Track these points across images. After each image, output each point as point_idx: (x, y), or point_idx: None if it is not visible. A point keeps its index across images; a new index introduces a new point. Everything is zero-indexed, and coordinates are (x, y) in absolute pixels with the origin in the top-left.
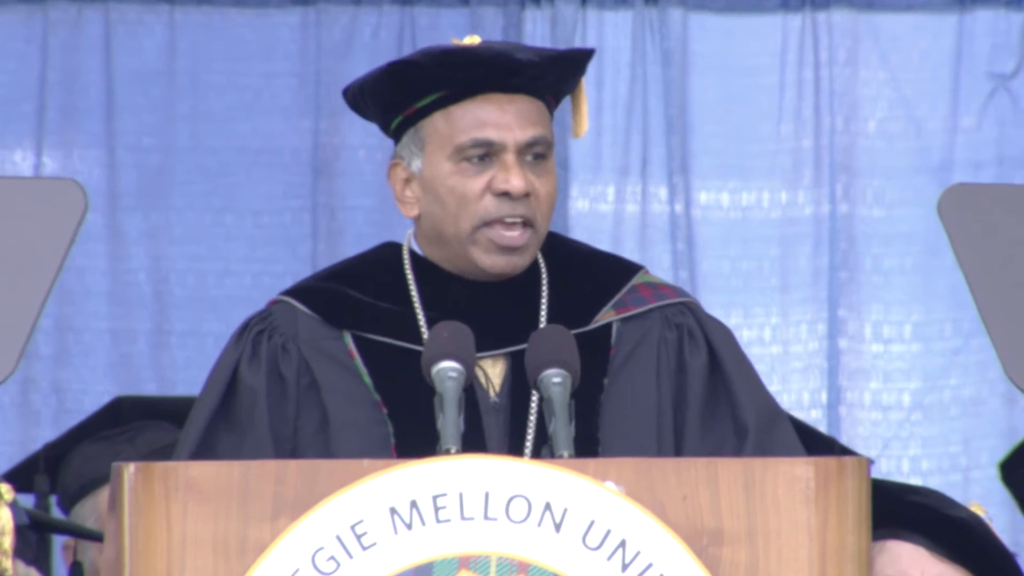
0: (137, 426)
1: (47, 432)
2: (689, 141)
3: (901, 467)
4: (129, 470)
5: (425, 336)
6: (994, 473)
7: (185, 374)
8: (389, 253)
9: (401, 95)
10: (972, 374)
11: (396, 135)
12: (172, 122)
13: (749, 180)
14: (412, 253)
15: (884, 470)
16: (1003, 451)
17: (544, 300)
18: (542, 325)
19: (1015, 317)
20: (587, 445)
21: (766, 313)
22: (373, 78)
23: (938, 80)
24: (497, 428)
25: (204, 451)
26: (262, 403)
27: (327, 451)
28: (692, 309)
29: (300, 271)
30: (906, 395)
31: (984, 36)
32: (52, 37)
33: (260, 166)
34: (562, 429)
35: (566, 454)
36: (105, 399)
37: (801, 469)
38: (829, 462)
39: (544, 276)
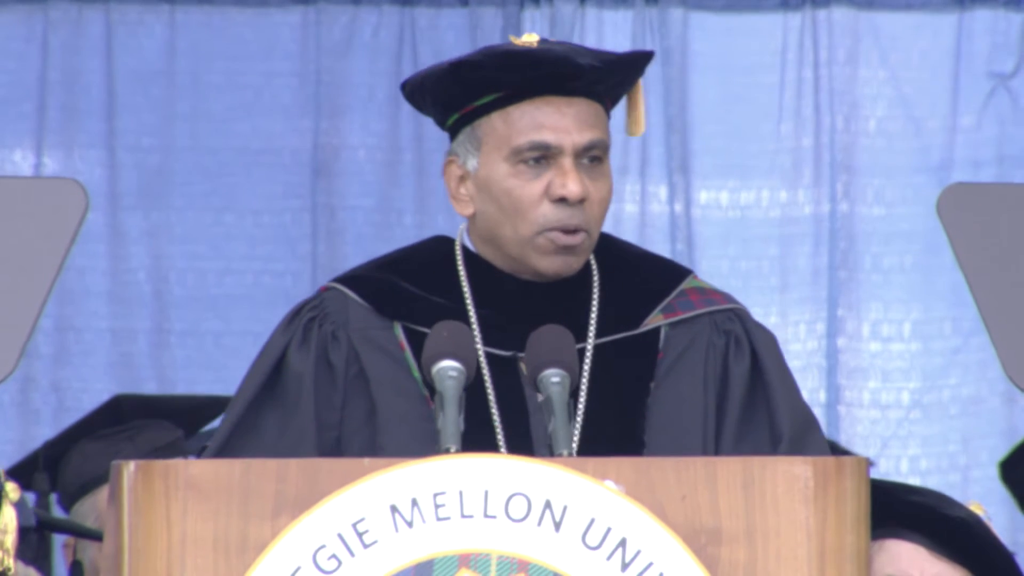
0: (137, 425)
1: (47, 431)
2: (689, 140)
3: (900, 466)
4: (129, 468)
5: (477, 335)
6: (993, 472)
7: (185, 373)
8: (441, 247)
9: (460, 93)
10: (972, 373)
11: (452, 132)
12: (172, 122)
13: (749, 179)
14: (464, 249)
15: (883, 469)
16: (1003, 450)
17: (595, 302)
18: (592, 326)
19: (1015, 316)
20: (633, 448)
21: (765, 312)
22: (434, 75)
23: (938, 79)
24: (543, 427)
25: (246, 430)
26: (309, 388)
27: (373, 443)
28: (740, 316)
29: (300, 271)
30: (905, 394)
31: (984, 35)
32: (52, 37)
33: (260, 166)
34: (561, 428)
35: (565, 453)
36: (105, 398)
37: (800, 468)
38: (828, 461)
39: (595, 278)
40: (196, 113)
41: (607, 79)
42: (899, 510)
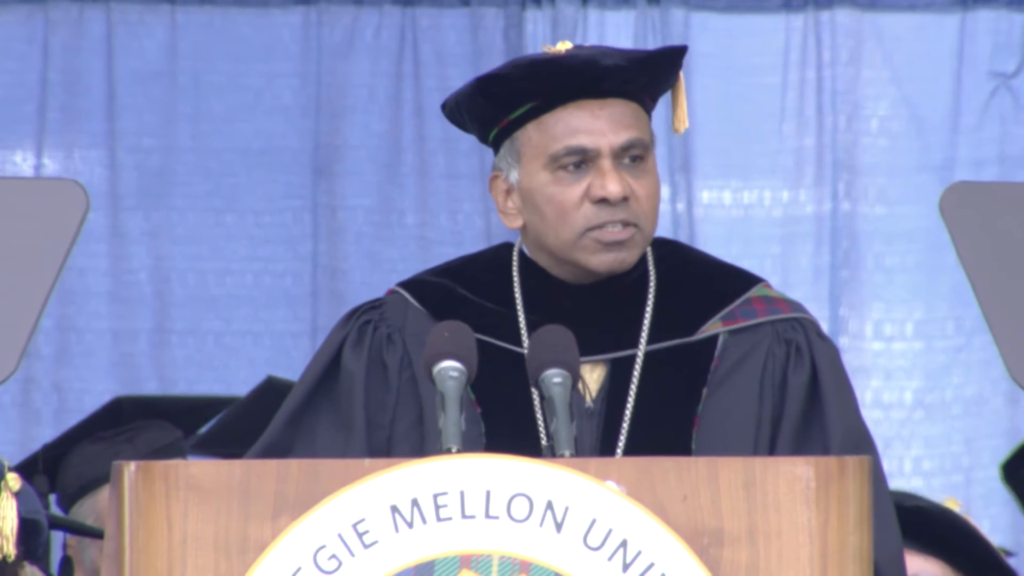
0: (137, 426)
1: (48, 431)
2: (691, 140)
3: (903, 467)
4: (130, 469)
5: (525, 339)
6: (996, 473)
7: (186, 373)
8: (501, 253)
9: (495, 108)
10: (974, 373)
11: (494, 146)
12: (173, 122)
13: (751, 179)
14: (522, 255)
15: (886, 470)
16: (1005, 451)
17: (649, 308)
18: (644, 333)
19: (1018, 315)
20: (680, 455)
21: None
22: (466, 94)
23: (940, 79)
24: (590, 433)
25: (299, 425)
26: (360, 387)
27: (421, 446)
28: (804, 326)
29: (301, 270)
30: (908, 394)
31: (986, 35)
32: (53, 37)
33: (261, 166)
34: (563, 429)
35: (567, 453)
36: (106, 398)
37: (802, 469)
38: (830, 462)
39: (652, 284)
40: (197, 113)
41: (637, 78)
42: None
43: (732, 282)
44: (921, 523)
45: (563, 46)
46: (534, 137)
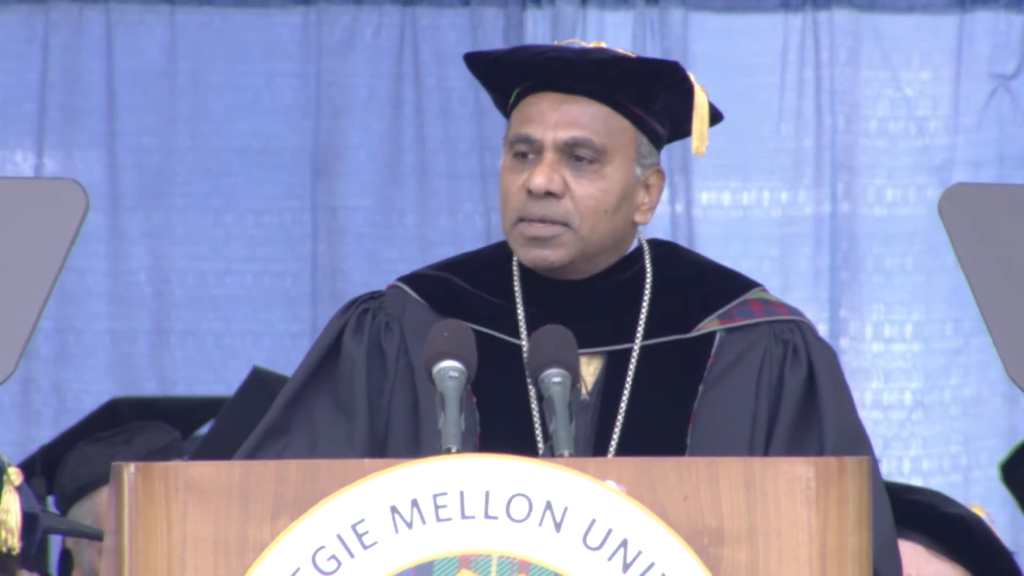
0: (134, 427)
1: (47, 432)
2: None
3: (902, 467)
4: (129, 470)
5: (523, 332)
6: (995, 473)
7: (185, 373)
8: (503, 250)
9: (497, 92)
10: (973, 374)
11: None
12: (173, 122)
13: (750, 180)
14: None
15: (885, 470)
16: (1004, 451)
17: (645, 304)
18: (640, 328)
19: (1016, 317)
20: (674, 450)
21: None
22: (478, 78)
23: (939, 80)
24: (585, 426)
25: (298, 410)
26: (361, 371)
27: (416, 435)
28: (802, 328)
29: (300, 271)
30: (907, 395)
31: (985, 36)
32: (53, 37)
33: (260, 166)
34: (562, 428)
35: (567, 453)
36: (105, 399)
37: (801, 469)
38: (830, 462)
39: (648, 281)
40: (197, 113)
41: (596, 77)
42: (898, 509)
43: (729, 284)
44: (944, 528)
45: (596, 45)
46: (512, 121)
